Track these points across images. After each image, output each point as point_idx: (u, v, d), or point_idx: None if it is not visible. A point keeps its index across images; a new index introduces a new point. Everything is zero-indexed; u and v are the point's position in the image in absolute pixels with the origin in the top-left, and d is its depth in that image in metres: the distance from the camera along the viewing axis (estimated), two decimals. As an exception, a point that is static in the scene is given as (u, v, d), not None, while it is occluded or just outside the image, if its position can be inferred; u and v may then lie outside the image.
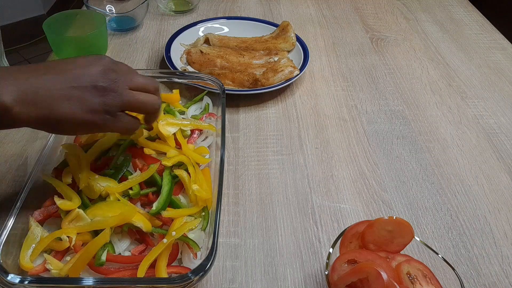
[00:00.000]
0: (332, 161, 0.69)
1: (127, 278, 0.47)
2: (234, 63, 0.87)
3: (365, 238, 0.50)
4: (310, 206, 0.62)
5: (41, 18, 2.45)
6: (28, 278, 0.43)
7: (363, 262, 0.46)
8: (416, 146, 0.73)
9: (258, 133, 0.74)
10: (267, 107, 0.79)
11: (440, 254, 0.49)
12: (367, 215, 0.61)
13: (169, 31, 0.98)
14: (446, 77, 0.90)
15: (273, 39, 0.94)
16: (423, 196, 0.65)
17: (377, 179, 0.67)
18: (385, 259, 0.48)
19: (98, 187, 0.54)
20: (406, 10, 1.13)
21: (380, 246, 0.50)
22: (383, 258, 0.47)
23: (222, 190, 0.53)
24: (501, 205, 0.64)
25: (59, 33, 0.84)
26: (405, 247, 0.51)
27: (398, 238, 0.50)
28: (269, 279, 0.53)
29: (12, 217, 0.49)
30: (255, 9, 1.10)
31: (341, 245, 0.50)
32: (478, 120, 0.79)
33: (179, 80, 0.74)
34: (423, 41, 1.01)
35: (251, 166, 0.67)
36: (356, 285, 0.46)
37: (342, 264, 0.47)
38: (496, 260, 0.57)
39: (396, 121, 0.78)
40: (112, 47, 0.93)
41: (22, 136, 0.70)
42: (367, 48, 0.97)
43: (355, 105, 0.81)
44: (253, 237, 0.58)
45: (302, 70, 0.83)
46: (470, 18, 1.11)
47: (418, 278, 0.47)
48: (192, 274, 0.44)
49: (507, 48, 1.00)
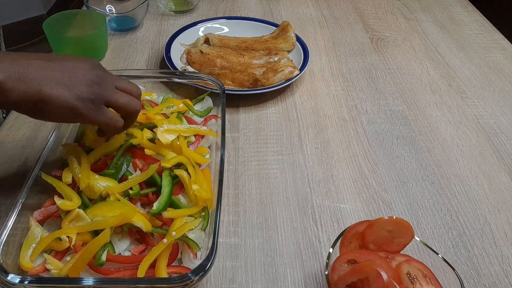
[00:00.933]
0: (332, 161, 0.69)
1: (127, 278, 0.47)
2: (234, 63, 0.87)
3: (365, 238, 0.50)
4: (310, 206, 0.62)
5: (41, 18, 2.45)
6: (28, 278, 0.43)
7: (363, 262, 0.46)
8: (416, 146, 0.73)
9: (258, 133, 0.74)
10: (267, 107, 0.79)
11: (440, 254, 0.49)
12: (367, 215, 0.61)
13: (169, 31, 0.98)
14: (446, 77, 0.90)
15: (273, 39, 0.94)
16: (423, 196, 0.65)
17: (377, 179, 0.67)
18: (385, 259, 0.48)
19: (98, 187, 0.54)
20: (406, 10, 1.13)
21: (380, 246, 0.50)
22: (383, 258, 0.47)
23: (222, 190, 0.53)
24: (501, 205, 0.64)
25: (59, 33, 0.84)
26: (405, 247, 0.51)
27: (398, 238, 0.50)
28: (269, 279, 0.53)
29: (12, 217, 0.49)
30: (255, 9, 1.10)
31: (341, 245, 0.50)
32: (478, 120, 0.79)
33: (179, 80, 0.74)
34: (423, 41, 1.01)
35: (251, 166, 0.67)
36: (356, 285, 0.46)
37: (342, 264, 0.47)
38: (496, 260, 0.57)
39: (396, 121, 0.78)
40: (112, 47, 0.93)
41: (22, 136, 0.70)
42: (367, 48, 0.97)
43: (355, 105, 0.81)
44: (253, 237, 0.58)
45: (302, 70, 0.83)
46: (470, 18, 1.11)
47: (418, 278, 0.47)
48: (192, 274, 0.44)
49: (507, 48, 1.00)
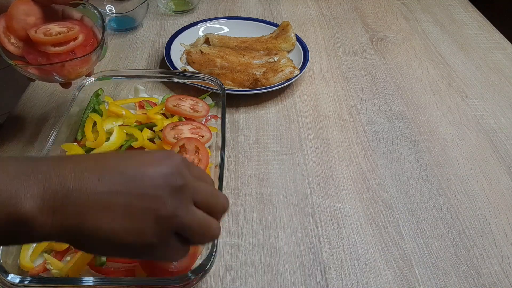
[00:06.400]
0: (332, 161, 0.69)
1: (127, 278, 0.47)
2: (234, 63, 0.87)
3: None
4: (310, 206, 0.62)
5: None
6: (28, 278, 0.43)
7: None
8: (416, 146, 0.73)
9: (258, 133, 0.74)
10: (267, 107, 0.79)
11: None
12: (367, 215, 0.61)
13: (169, 31, 0.98)
14: (446, 77, 0.90)
15: (273, 39, 0.94)
16: (423, 196, 0.65)
17: (377, 179, 0.67)
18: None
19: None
20: (406, 10, 1.13)
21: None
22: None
23: (222, 190, 0.53)
24: (501, 205, 0.64)
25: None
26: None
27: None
28: (269, 279, 0.53)
29: (12, 217, 0.49)
30: (255, 9, 1.10)
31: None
32: (478, 120, 0.79)
33: (179, 80, 0.74)
34: (423, 41, 1.01)
35: (251, 166, 0.68)
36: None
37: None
38: (496, 260, 0.57)
39: (396, 121, 0.78)
40: (112, 47, 0.93)
41: (22, 136, 0.70)
42: (367, 48, 0.97)
43: (355, 105, 0.81)
44: (253, 237, 0.58)
45: (302, 70, 0.83)
46: (470, 18, 1.11)
47: (188, 151, 0.57)
48: (192, 274, 0.44)
49: (507, 48, 1.00)
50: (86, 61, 0.57)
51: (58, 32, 0.55)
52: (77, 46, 0.56)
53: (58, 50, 0.55)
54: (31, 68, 0.55)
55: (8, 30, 0.55)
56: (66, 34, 0.55)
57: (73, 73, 0.57)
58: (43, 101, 0.77)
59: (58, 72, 0.56)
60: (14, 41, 0.55)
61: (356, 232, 0.59)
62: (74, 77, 0.59)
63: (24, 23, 0.55)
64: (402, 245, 0.58)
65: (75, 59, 0.55)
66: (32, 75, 0.56)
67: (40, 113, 0.74)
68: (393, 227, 0.60)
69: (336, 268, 0.55)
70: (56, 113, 0.74)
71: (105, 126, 0.63)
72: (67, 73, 0.57)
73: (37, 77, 0.57)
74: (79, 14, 0.60)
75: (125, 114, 0.66)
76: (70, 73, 0.57)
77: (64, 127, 0.62)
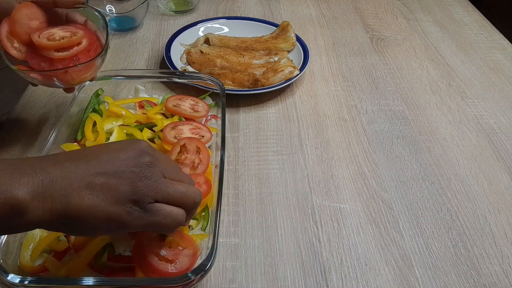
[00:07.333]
0: (332, 161, 0.69)
1: (127, 278, 0.47)
2: (234, 63, 0.87)
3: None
4: (310, 206, 0.62)
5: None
6: (28, 278, 0.43)
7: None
8: (416, 146, 0.73)
9: (258, 133, 0.74)
10: (267, 107, 0.79)
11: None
12: (367, 215, 0.61)
13: (169, 31, 0.98)
14: (446, 77, 0.90)
15: (273, 39, 0.94)
16: (423, 196, 0.65)
17: (377, 179, 0.67)
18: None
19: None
20: (406, 10, 1.13)
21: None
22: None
23: (222, 190, 0.53)
24: (501, 205, 0.64)
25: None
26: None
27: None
28: (269, 279, 0.53)
29: (12, 217, 0.49)
30: (255, 9, 1.10)
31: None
32: (478, 120, 0.79)
33: (179, 80, 0.74)
34: (423, 41, 1.01)
35: (251, 166, 0.68)
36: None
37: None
38: (496, 260, 0.57)
39: (396, 121, 0.78)
40: (112, 47, 0.93)
41: (22, 136, 0.70)
42: (367, 48, 0.97)
43: (355, 105, 0.81)
44: (253, 237, 0.58)
45: (302, 70, 0.83)
46: (470, 18, 1.11)
47: (189, 151, 0.57)
48: (192, 274, 0.44)
49: (507, 48, 1.00)
50: (90, 67, 0.56)
51: (62, 36, 0.54)
52: (81, 51, 0.55)
53: (62, 55, 0.54)
54: (33, 73, 0.54)
55: (11, 34, 0.54)
56: (70, 39, 0.54)
57: (76, 78, 0.56)
58: (43, 101, 0.77)
59: (61, 78, 0.55)
60: (17, 45, 0.54)
61: (356, 232, 0.59)
62: (78, 83, 0.58)
63: (28, 27, 0.54)
64: (402, 245, 0.58)
65: (78, 65, 0.54)
66: (34, 80, 0.56)
67: (40, 113, 0.74)
68: (393, 227, 0.60)
69: (336, 268, 0.55)
70: (56, 113, 0.74)
71: (105, 126, 0.63)
72: (70, 79, 0.56)
73: (39, 82, 0.56)
74: (83, 17, 0.59)
75: (125, 114, 0.66)
76: (73, 78, 0.56)
77: (64, 127, 0.62)
